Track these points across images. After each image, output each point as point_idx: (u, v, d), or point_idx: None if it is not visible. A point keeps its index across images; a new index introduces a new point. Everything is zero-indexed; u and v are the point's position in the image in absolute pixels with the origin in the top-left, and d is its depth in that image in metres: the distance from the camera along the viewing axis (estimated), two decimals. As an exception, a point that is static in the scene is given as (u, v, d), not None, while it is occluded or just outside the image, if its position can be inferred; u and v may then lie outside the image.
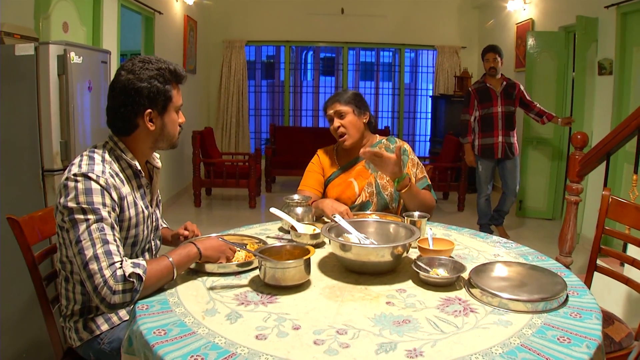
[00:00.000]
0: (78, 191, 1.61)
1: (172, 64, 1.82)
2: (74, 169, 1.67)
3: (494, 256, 2.00)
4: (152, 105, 1.75)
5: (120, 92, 1.74)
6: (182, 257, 1.70)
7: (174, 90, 1.81)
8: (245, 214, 6.66)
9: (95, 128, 3.16)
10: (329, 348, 1.27)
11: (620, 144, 2.89)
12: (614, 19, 4.86)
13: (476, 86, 5.49)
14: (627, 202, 2.28)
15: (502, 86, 5.33)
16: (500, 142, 5.33)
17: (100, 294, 1.52)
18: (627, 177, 4.69)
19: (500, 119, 5.31)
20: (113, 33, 4.89)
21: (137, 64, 1.74)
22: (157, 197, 2.00)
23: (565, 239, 3.07)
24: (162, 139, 1.85)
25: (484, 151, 5.43)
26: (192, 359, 1.22)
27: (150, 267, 1.60)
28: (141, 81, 1.72)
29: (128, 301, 1.55)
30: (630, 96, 4.79)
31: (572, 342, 1.30)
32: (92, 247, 1.55)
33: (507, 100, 5.31)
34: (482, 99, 5.36)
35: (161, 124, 1.80)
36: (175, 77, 1.81)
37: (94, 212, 1.60)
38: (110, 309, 1.55)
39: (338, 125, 2.58)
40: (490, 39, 7.68)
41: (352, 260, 1.77)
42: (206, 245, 1.78)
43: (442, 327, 1.39)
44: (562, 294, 1.54)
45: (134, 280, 1.54)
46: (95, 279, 1.52)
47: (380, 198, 2.57)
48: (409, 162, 2.62)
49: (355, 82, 10.25)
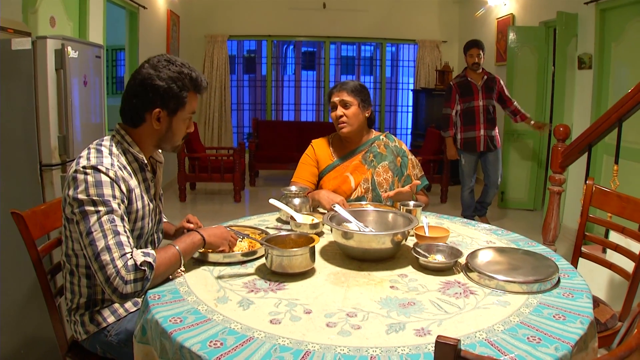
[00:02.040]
0: (88, 183, 1.63)
1: (196, 71, 1.83)
2: (82, 161, 1.69)
3: (487, 243, 2.09)
4: (163, 105, 1.77)
5: (137, 84, 1.76)
6: (188, 244, 1.75)
7: (189, 98, 1.81)
8: (230, 208, 6.69)
9: (91, 123, 3.17)
10: (341, 330, 1.33)
11: (601, 135, 3.00)
12: (594, 15, 4.98)
13: (457, 80, 5.56)
14: (610, 191, 2.38)
15: (483, 80, 5.42)
16: (482, 135, 5.42)
17: (113, 284, 1.55)
18: (606, 167, 4.83)
19: (481, 112, 5.40)
20: (99, 27, 4.89)
21: (162, 62, 1.77)
22: (160, 191, 2.04)
23: (549, 228, 3.18)
24: (166, 141, 1.87)
25: (466, 144, 5.51)
26: (212, 344, 1.26)
27: (159, 255, 1.64)
28: (160, 79, 1.74)
29: (139, 290, 1.58)
30: (609, 90, 4.92)
31: (567, 319, 1.39)
32: (103, 238, 1.58)
33: (488, 94, 5.41)
34: (464, 93, 5.44)
35: (168, 125, 1.82)
36: (195, 86, 1.82)
37: (104, 203, 1.62)
38: (122, 299, 1.58)
39: (341, 114, 2.61)
40: (471, 33, 7.79)
41: (354, 248, 1.84)
42: (209, 233, 1.83)
43: (446, 308, 1.47)
44: (554, 275, 1.63)
45: (146, 269, 1.58)
46: (108, 269, 1.55)
47: (375, 194, 2.63)
48: (409, 163, 2.70)
49: (337, 76, 10.33)
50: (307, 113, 10.27)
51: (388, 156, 2.67)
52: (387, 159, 2.67)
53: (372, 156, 2.66)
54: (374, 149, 2.68)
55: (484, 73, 5.48)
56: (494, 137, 5.49)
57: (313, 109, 10.21)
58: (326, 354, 1.22)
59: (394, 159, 2.68)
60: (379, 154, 2.67)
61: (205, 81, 1.87)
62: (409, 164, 2.69)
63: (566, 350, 1.24)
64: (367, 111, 2.66)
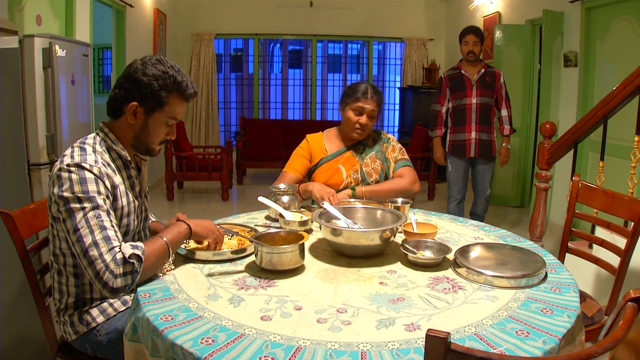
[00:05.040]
0: (72, 181, 1.63)
1: (184, 76, 1.82)
2: (66, 159, 1.69)
3: (475, 239, 2.11)
4: (141, 101, 1.76)
5: (125, 76, 1.77)
6: (175, 235, 1.75)
7: (170, 99, 1.79)
8: (218, 207, 6.68)
9: (79, 122, 3.16)
10: (332, 325, 1.34)
11: (587, 132, 3.04)
12: (579, 13, 5.03)
13: (449, 73, 4.74)
14: (596, 187, 2.41)
15: (479, 74, 4.57)
16: (474, 138, 4.60)
17: (103, 279, 1.55)
18: (592, 164, 4.88)
19: (473, 111, 4.58)
20: (86, 26, 4.86)
21: (152, 60, 1.78)
22: (145, 189, 2.04)
23: (536, 224, 3.21)
24: (140, 140, 1.84)
25: (454, 148, 4.71)
26: (204, 340, 1.27)
27: (147, 247, 1.64)
28: (144, 75, 1.74)
29: (130, 283, 1.58)
30: (594, 87, 4.97)
31: (555, 313, 1.41)
32: (90, 234, 1.58)
33: (484, 90, 4.57)
34: (455, 87, 4.63)
35: (143, 123, 1.81)
36: (178, 89, 1.80)
37: (89, 200, 1.62)
38: (113, 293, 1.57)
39: (365, 123, 2.63)
40: (457, 31, 7.82)
41: (343, 244, 1.85)
42: (196, 223, 1.84)
43: (435, 303, 1.49)
44: (542, 270, 1.65)
45: (134, 262, 1.58)
46: (97, 264, 1.55)
47: (366, 184, 2.67)
48: (389, 148, 2.75)
49: (323, 74, 10.32)
50: (294, 111, 10.27)
51: (375, 146, 2.75)
52: (374, 149, 2.74)
53: (362, 148, 2.74)
54: (363, 142, 2.75)
55: (482, 66, 4.61)
56: (488, 143, 4.65)
57: (300, 107, 10.21)
58: (317, 349, 1.22)
59: (380, 147, 2.75)
60: (367, 145, 2.75)
61: (193, 88, 1.85)
62: (389, 149, 2.75)
63: (554, 344, 1.26)
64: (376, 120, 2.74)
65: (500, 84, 4.62)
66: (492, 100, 4.62)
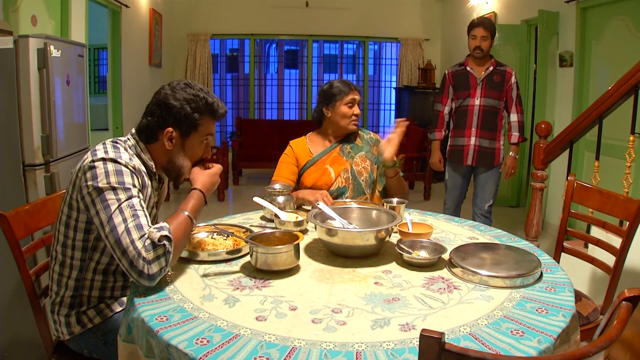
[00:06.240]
0: (109, 172, 1.65)
1: (214, 97, 1.87)
2: (99, 154, 1.70)
3: (470, 239, 2.11)
4: (176, 126, 1.81)
5: (155, 103, 1.81)
6: (193, 204, 1.77)
7: (203, 120, 1.84)
8: (214, 207, 6.66)
9: (74, 122, 3.15)
10: (327, 326, 1.34)
11: (582, 132, 3.05)
12: (574, 14, 5.05)
13: (454, 69, 4.22)
14: (591, 187, 2.42)
15: (486, 72, 4.03)
16: (472, 145, 4.07)
17: (138, 268, 1.54)
18: (588, 164, 4.89)
19: (475, 114, 4.04)
20: (81, 26, 4.85)
21: (180, 84, 1.82)
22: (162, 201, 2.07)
23: (532, 224, 3.23)
24: (173, 163, 1.88)
25: (452, 154, 4.22)
26: (198, 341, 1.27)
27: (172, 225, 1.65)
28: (175, 100, 1.78)
29: (164, 266, 1.58)
30: (590, 87, 4.99)
31: (550, 313, 1.41)
32: (123, 222, 1.58)
33: (490, 91, 4.02)
34: (458, 86, 4.13)
35: (180, 147, 1.85)
36: (210, 111, 1.85)
37: (124, 190, 1.64)
38: (151, 280, 1.56)
39: (358, 112, 2.73)
40: (453, 31, 7.85)
41: (339, 245, 1.85)
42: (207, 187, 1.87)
43: (430, 303, 1.49)
44: (537, 270, 1.65)
45: (165, 242, 1.58)
46: (129, 252, 1.54)
47: (357, 184, 2.68)
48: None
49: (319, 75, 10.34)
50: (290, 112, 10.27)
51: (364, 147, 2.77)
52: (363, 149, 2.76)
53: (349, 148, 2.75)
54: (350, 141, 2.77)
55: (492, 63, 4.06)
56: (490, 151, 4.08)
57: (296, 107, 10.21)
58: (312, 349, 1.22)
59: (370, 149, 2.77)
60: (355, 145, 2.76)
61: (224, 108, 1.90)
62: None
63: (549, 343, 1.26)
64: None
65: (511, 84, 4.04)
66: (499, 102, 4.04)
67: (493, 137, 4.06)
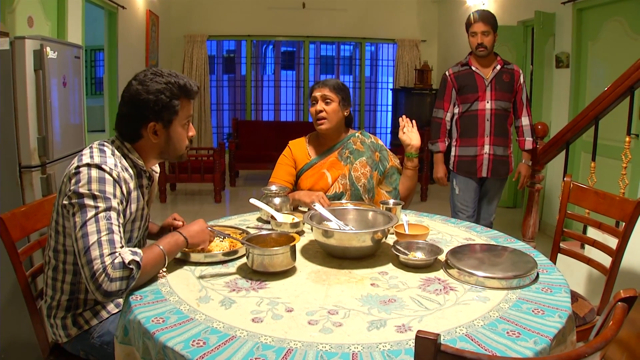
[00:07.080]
0: (91, 179, 1.63)
1: (184, 78, 1.83)
2: (85, 159, 1.69)
3: (466, 240, 2.12)
4: (157, 118, 1.78)
5: (128, 101, 1.78)
6: (172, 245, 1.73)
7: (181, 105, 1.81)
8: (211, 209, 6.67)
9: (71, 124, 3.14)
10: (323, 327, 1.34)
11: (578, 133, 3.06)
12: (570, 15, 5.06)
13: (456, 70, 3.71)
14: (587, 187, 2.43)
15: (493, 72, 3.59)
16: (487, 154, 3.61)
17: (98, 281, 1.52)
18: (584, 165, 4.90)
19: (488, 119, 3.58)
20: (78, 28, 4.84)
21: (148, 75, 1.78)
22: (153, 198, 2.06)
23: (528, 225, 3.24)
24: (167, 151, 1.87)
25: (461, 165, 3.71)
26: (195, 343, 1.26)
27: (145, 255, 1.63)
28: (148, 93, 1.75)
29: (124, 289, 1.55)
30: (586, 88, 5.00)
31: (546, 314, 1.42)
32: (97, 233, 1.56)
33: (501, 92, 3.58)
34: (464, 88, 3.63)
35: (166, 137, 1.83)
36: (185, 92, 1.82)
37: (104, 200, 1.62)
38: (105, 296, 1.54)
39: (321, 109, 2.61)
40: (450, 32, 7.85)
41: (335, 246, 1.85)
42: (191, 233, 1.81)
43: (426, 304, 1.49)
44: (533, 271, 1.66)
45: (133, 268, 1.56)
46: (95, 264, 1.52)
47: (355, 189, 2.63)
48: (389, 155, 2.74)
49: (316, 76, 10.34)
50: (286, 113, 10.27)
51: (365, 152, 2.69)
52: (364, 154, 2.68)
53: (348, 152, 2.68)
54: (349, 146, 2.69)
55: (498, 61, 3.64)
56: (504, 159, 3.65)
57: (293, 108, 10.21)
58: (308, 351, 1.22)
59: (372, 155, 2.70)
60: (355, 150, 2.68)
61: (196, 85, 1.87)
62: (389, 156, 2.74)
63: (545, 344, 1.26)
64: (346, 110, 2.67)
65: (520, 85, 3.64)
66: (509, 105, 3.63)
67: (506, 144, 3.66)
